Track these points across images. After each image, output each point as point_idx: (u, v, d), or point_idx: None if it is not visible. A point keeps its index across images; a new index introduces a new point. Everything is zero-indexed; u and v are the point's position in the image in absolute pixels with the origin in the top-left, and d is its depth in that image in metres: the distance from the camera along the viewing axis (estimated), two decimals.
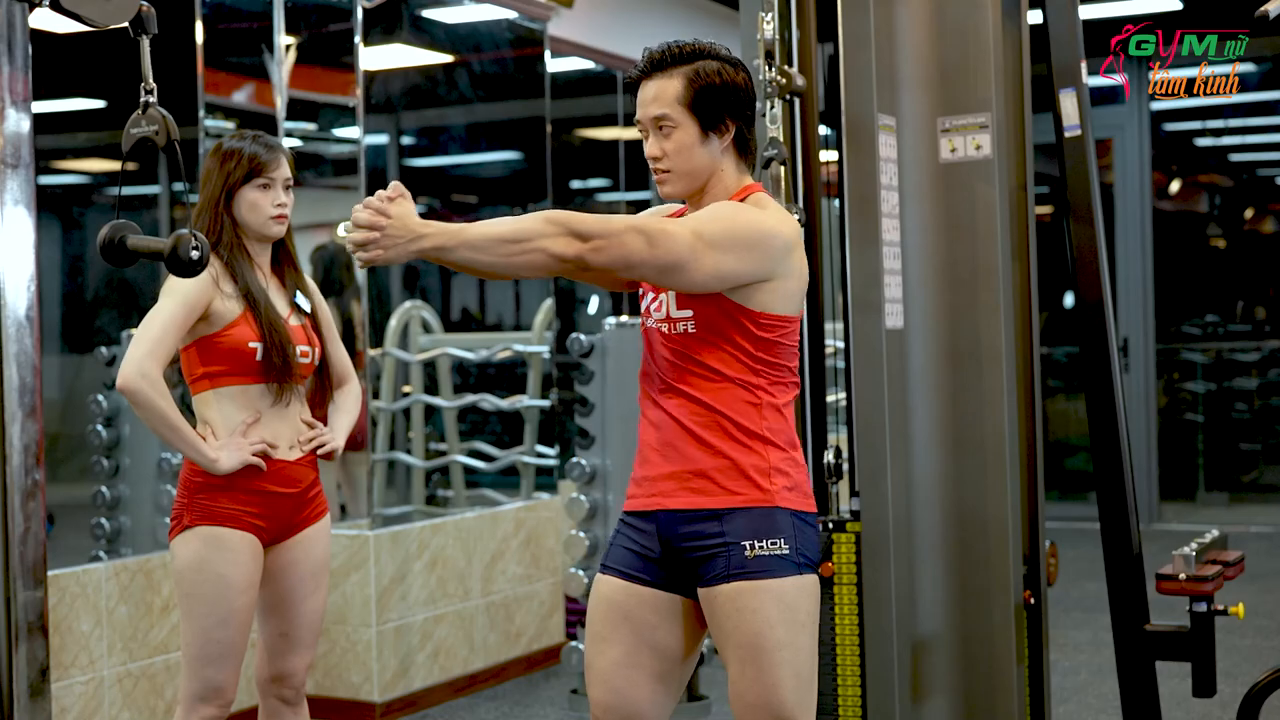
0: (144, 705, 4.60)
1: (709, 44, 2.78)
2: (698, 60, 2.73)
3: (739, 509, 2.66)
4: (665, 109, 2.72)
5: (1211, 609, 3.45)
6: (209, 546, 3.24)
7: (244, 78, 5.53)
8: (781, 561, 2.65)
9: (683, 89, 2.71)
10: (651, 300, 2.78)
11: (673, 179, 2.76)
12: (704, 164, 2.74)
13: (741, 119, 2.76)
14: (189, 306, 3.22)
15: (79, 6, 2.55)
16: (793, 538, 2.66)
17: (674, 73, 2.73)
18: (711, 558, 2.67)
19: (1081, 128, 3.66)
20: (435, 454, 6.60)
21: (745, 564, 2.64)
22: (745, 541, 2.65)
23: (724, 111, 2.72)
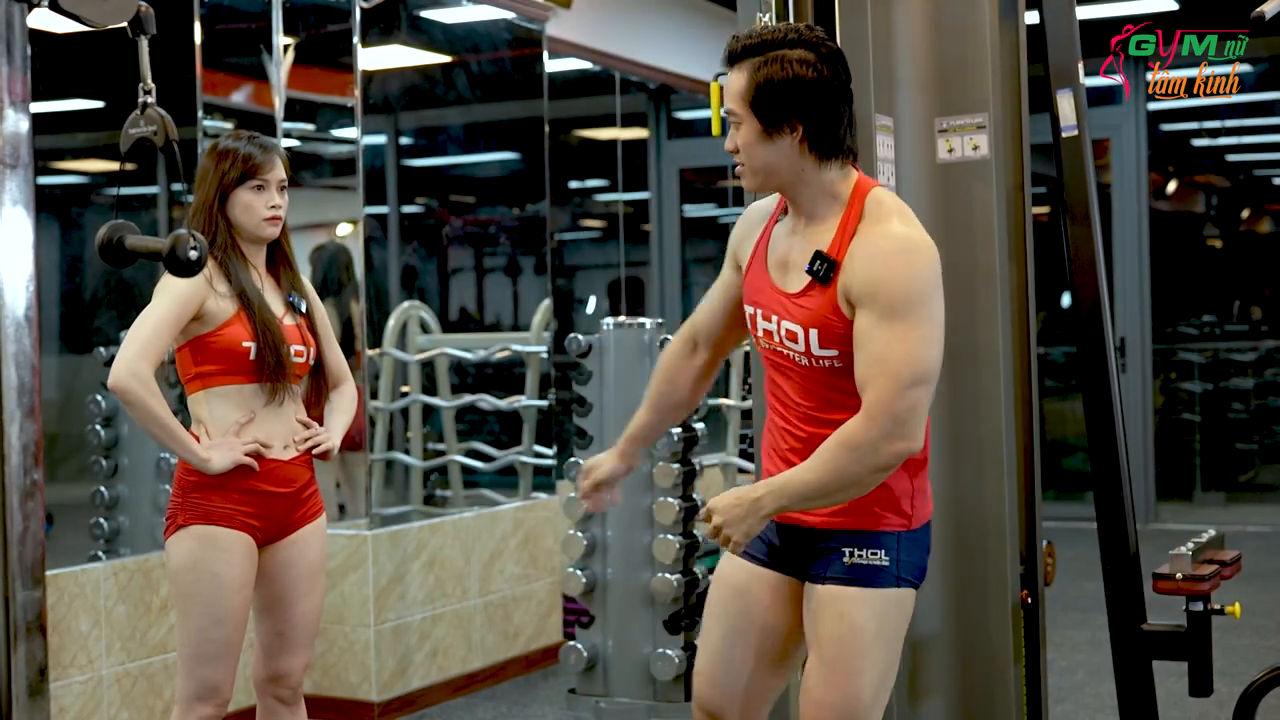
0: (143, 705, 4.60)
1: (797, 31, 2.60)
2: (770, 51, 2.58)
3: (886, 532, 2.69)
4: (730, 104, 2.62)
5: (1208, 608, 3.45)
6: (203, 546, 3.24)
7: (242, 78, 5.53)
8: (880, 573, 2.67)
9: (745, 85, 2.59)
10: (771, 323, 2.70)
11: (746, 174, 2.67)
12: (772, 163, 2.62)
13: (812, 117, 2.57)
14: (182, 306, 3.22)
15: (77, 7, 2.56)
16: (894, 550, 2.68)
17: (743, 66, 2.60)
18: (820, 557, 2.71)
19: (1079, 128, 3.66)
20: (433, 454, 6.60)
21: (844, 570, 2.68)
22: (846, 549, 2.68)
23: (788, 110, 2.57)
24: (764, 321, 2.72)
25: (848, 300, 2.57)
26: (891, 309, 2.51)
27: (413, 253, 7.61)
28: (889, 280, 2.52)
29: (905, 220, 2.60)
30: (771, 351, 2.74)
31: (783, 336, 2.67)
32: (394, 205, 7.41)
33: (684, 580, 4.79)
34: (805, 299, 2.64)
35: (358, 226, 5.52)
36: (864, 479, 2.54)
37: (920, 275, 2.53)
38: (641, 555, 4.83)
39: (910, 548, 2.70)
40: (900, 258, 2.54)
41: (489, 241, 8.70)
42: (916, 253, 2.55)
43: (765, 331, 2.72)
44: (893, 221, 2.58)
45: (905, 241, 2.55)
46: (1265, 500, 10.58)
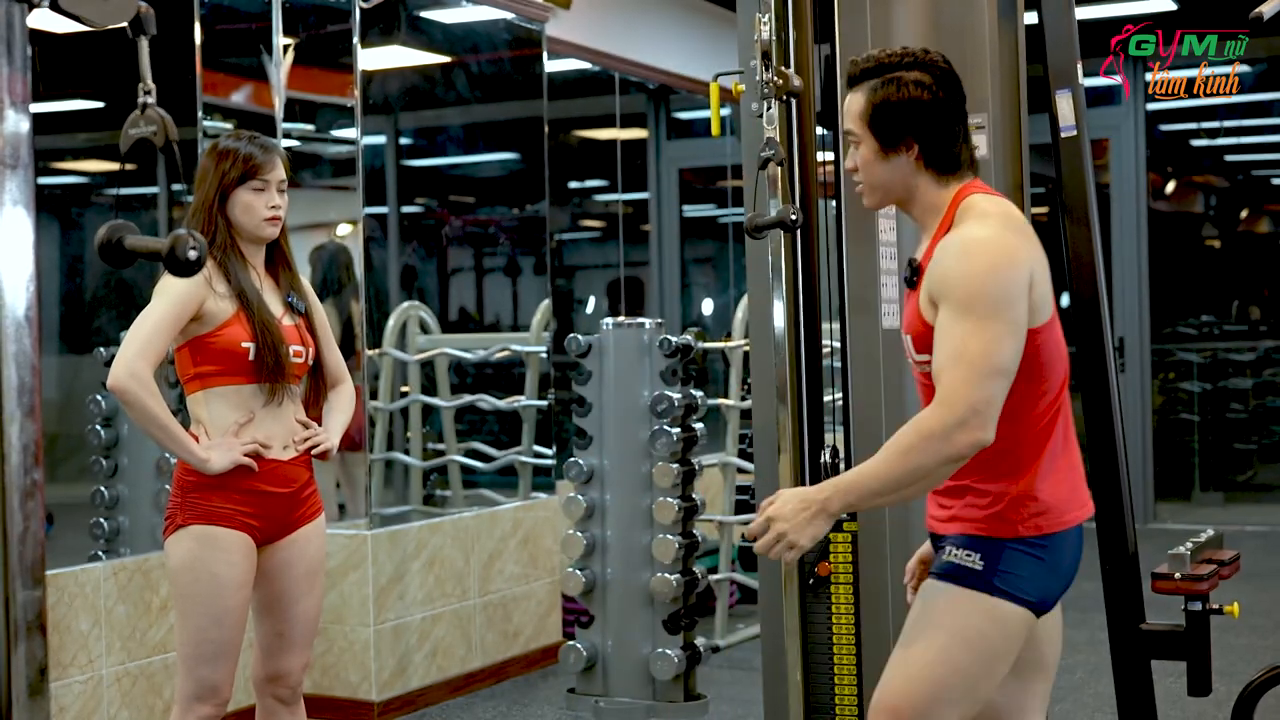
0: (142, 704, 4.61)
1: (914, 54, 2.68)
2: (887, 73, 2.66)
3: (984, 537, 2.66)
4: (850, 124, 2.70)
5: (1207, 608, 3.46)
6: (202, 545, 3.25)
7: (242, 78, 5.53)
8: (971, 575, 2.64)
9: (864, 105, 2.67)
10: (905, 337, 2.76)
11: (866, 192, 2.74)
12: (890, 180, 2.70)
13: (927, 136, 2.65)
14: (181, 306, 3.22)
15: (77, 7, 2.55)
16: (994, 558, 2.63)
17: (863, 86, 2.69)
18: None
19: (1077, 128, 3.66)
20: (433, 454, 6.60)
21: (941, 565, 2.68)
22: (949, 547, 2.67)
23: (904, 130, 2.65)
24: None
25: (930, 302, 2.60)
26: (963, 304, 2.52)
27: (412, 253, 7.61)
28: (955, 277, 2.54)
29: (983, 222, 2.60)
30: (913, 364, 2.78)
31: (906, 347, 2.76)
32: (394, 205, 7.41)
33: (683, 580, 4.79)
34: (906, 306, 2.74)
35: (357, 227, 5.53)
36: (934, 470, 2.52)
37: (978, 272, 2.52)
38: (641, 555, 4.84)
39: (1018, 560, 2.63)
40: (960, 256, 2.56)
41: (488, 242, 8.70)
42: (977, 250, 2.55)
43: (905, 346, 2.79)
44: (969, 224, 2.61)
45: (968, 241, 2.57)
46: (1264, 500, 10.58)
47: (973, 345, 2.49)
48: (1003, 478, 2.65)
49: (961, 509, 2.67)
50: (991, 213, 2.62)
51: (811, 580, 3.73)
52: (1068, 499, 2.70)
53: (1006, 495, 2.65)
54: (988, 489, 2.65)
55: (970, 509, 2.66)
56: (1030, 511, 2.65)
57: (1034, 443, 2.65)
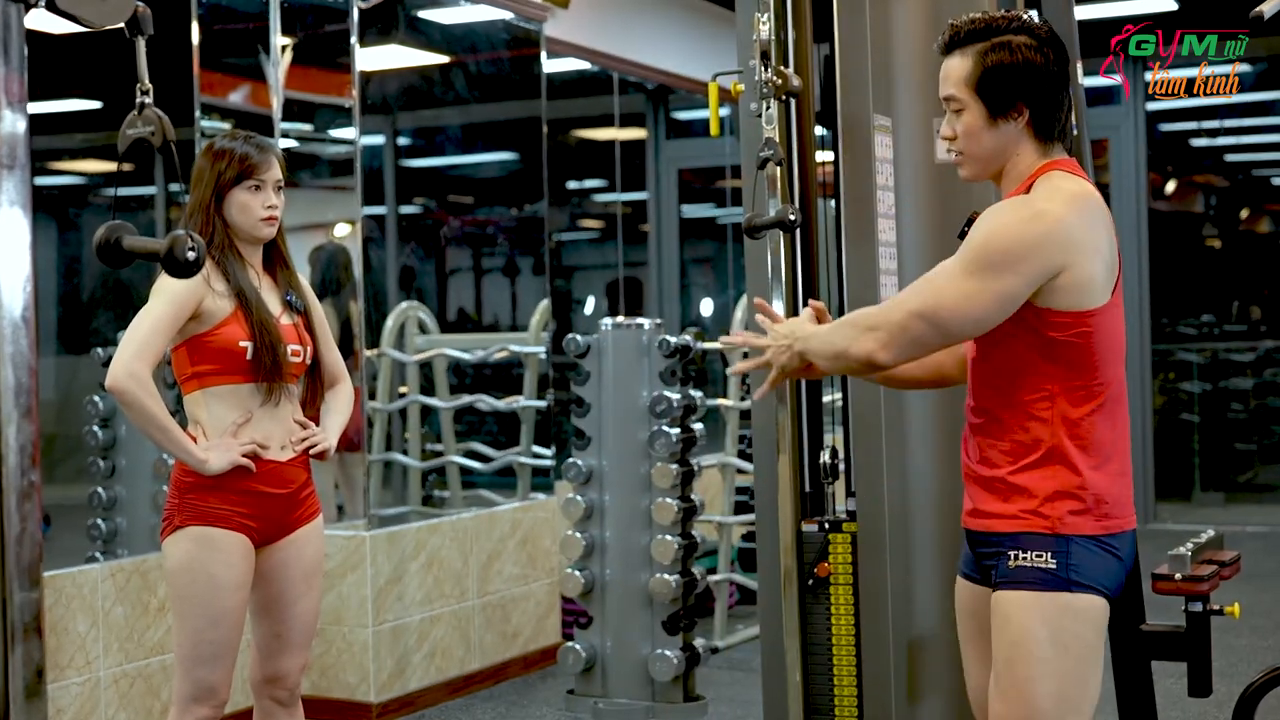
0: (140, 706, 4.60)
1: (1017, 16, 2.62)
2: (995, 36, 2.58)
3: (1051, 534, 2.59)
4: (953, 89, 2.61)
5: (1207, 609, 3.45)
6: (199, 546, 3.24)
7: (240, 79, 5.53)
8: (1046, 576, 2.57)
9: (971, 69, 2.59)
10: None
11: (966, 162, 2.66)
12: (995, 148, 2.61)
13: (1038, 101, 2.58)
14: (178, 306, 3.21)
15: (75, 7, 2.55)
16: (1064, 553, 2.57)
17: (968, 50, 2.60)
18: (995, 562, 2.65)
19: (1077, 128, 3.66)
20: (432, 454, 6.60)
21: (1009, 574, 2.59)
22: (1011, 551, 2.59)
23: (1015, 94, 2.57)
24: None
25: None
26: (964, 252, 2.54)
27: (411, 253, 7.60)
28: (982, 227, 2.55)
29: (1051, 196, 2.54)
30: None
31: None
32: (392, 206, 7.41)
33: (682, 581, 4.79)
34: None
35: (356, 227, 5.52)
36: (848, 361, 2.63)
37: (1002, 235, 2.50)
38: (640, 556, 4.83)
39: (1086, 553, 2.58)
40: (1003, 214, 2.54)
41: (487, 242, 8.69)
42: (1020, 216, 2.52)
43: None
44: (1036, 193, 2.56)
45: (1020, 204, 2.54)
46: (1264, 500, 10.57)
47: (937, 284, 2.54)
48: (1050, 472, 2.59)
49: (1019, 507, 2.60)
50: (1064, 189, 2.56)
51: (811, 581, 3.72)
52: (1121, 501, 2.64)
53: (1062, 490, 2.58)
54: (1037, 485, 2.58)
55: (1027, 506, 2.59)
56: (1088, 507, 2.60)
57: (1080, 437, 2.59)
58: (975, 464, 2.68)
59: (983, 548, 2.68)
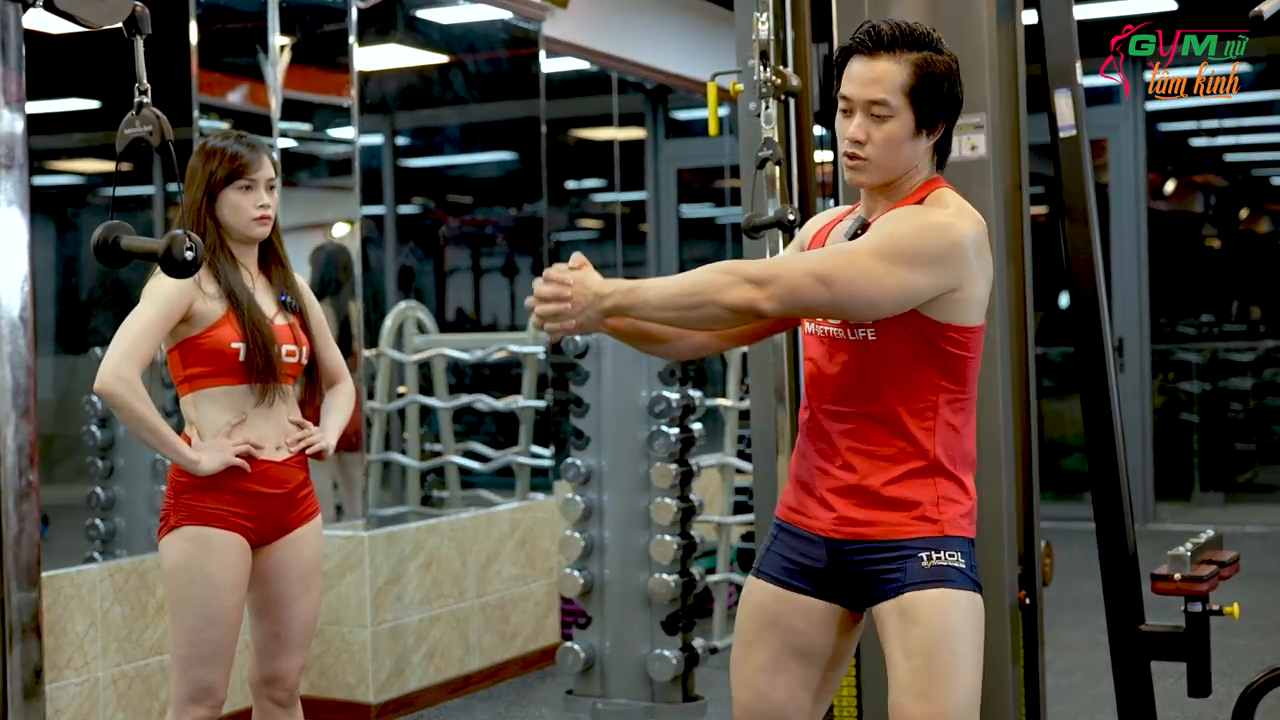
0: (139, 706, 4.60)
1: (934, 32, 2.59)
2: (928, 50, 2.54)
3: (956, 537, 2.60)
4: (887, 94, 2.52)
5: (1207, 609, 3.45)
6: (196, 546, 3.23)
7: (239, 78, 5.52)
8: (960, 575, 2.57)
9: (909, 77, 2.52)
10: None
11: (868, 169, 2.57)
12: (905, 160, 2.57)
13: (951, 122, 2.59)
14: (168, 309, 3.21)
15: (73, 7, 2.54)
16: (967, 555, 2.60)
17: (903, 57, 2.53)
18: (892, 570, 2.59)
19: (1077, 128, 3.66)
20: (430, 454, 6.60)
21: (926, 574, 2.56)
22: (922, 553, 2.57)
23: (941, 111, 2.56)
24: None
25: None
26: (872, 236, 2.51)
27: (409, 253, 7.61)
28: (893, 221, 2.53)
29: (958, 210, 2.55)
30: (811, 336, 2.68)
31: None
32: (390, 205, 7.41)
33: (681, 581, 4.78)
34: None
35: (354, 227, 5.52)
36: (707, 306, 2.46)
37: (916, 229, 2.49)
38: (639, 556, 4.83)
39: (972, 555, 2.61)
40: (918, 214, 2.53)
41: (486, 242, 8.70)
42: (932, 218, 2.51)
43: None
44: (946, 209, 2.56)
45: (929, 210, 2.54)
46: (1264, 500, 10.57)
47: (841, 256, 2.48)
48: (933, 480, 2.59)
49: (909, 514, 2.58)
50: (968, 209, 2.58)
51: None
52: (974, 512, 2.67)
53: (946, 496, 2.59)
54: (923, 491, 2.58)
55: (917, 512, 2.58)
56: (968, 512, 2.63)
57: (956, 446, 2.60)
58: (838, 470, 2.63)
59: (862, 555, 2.62)
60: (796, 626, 2.69)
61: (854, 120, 2.57)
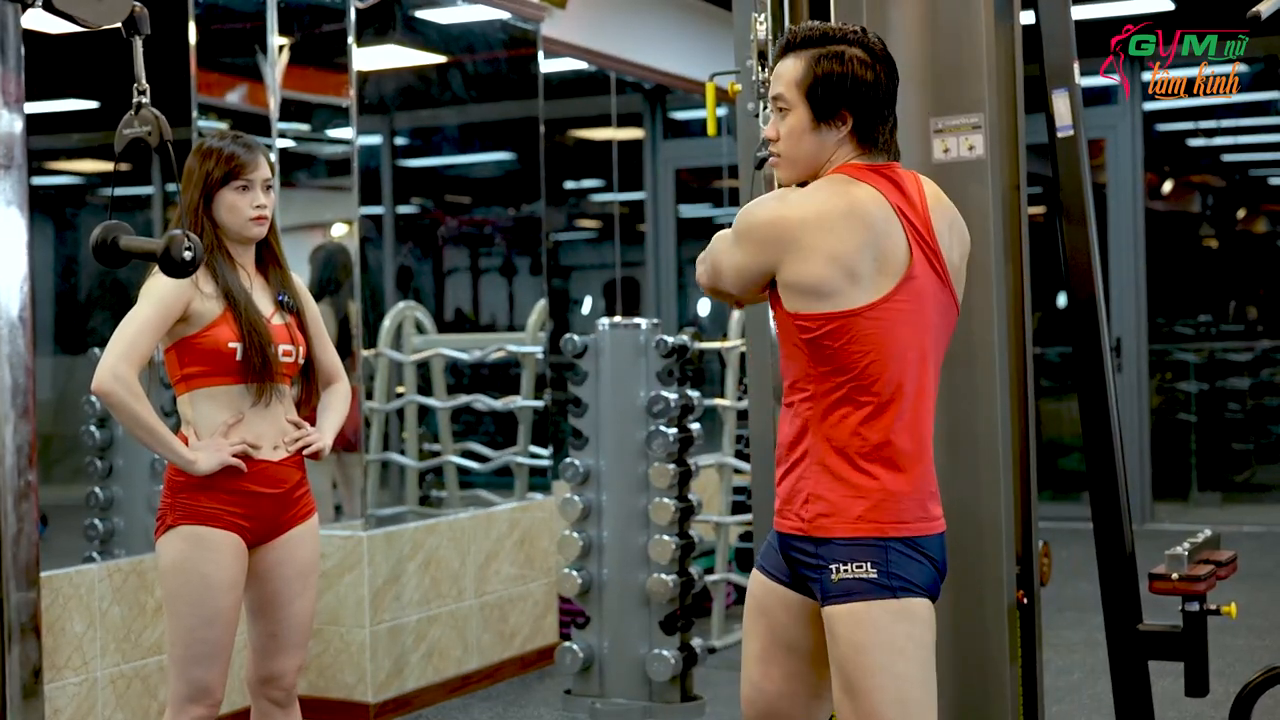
0: (137, 706, 4.60)
1: (857, 30, 2.67)
2: (830, 45, 2.64)
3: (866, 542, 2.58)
4: (783, 89, 2.67)
5: (1204, 609, 3.45)
6: (192, 546, 3.23)
7: (237, 78, 5.52)
8: (869, 586, 2.55)
9: (803, 73, 2.64)
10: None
11: (782, 164, 2.73)
12: (813, 152, 2.67)
13: (862, 112, 2.63)
14: (166, 309, 3.21)
15: (72, 7, 2.55)
16: (883, 562, 2.57)
17: (802, 55, 2.65)
18: (816, 575, 2.62)
19: (1074, 128, 3.66)
20: (429, 454, 6.60)
21: (834, 588, 2.57)
22: (831, 565, 2.58)
23: (841, 102, 2.62)
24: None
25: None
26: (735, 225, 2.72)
27: (408, 253, 7.60)
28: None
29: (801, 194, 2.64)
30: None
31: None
32: (389, 206, 7.41)
33: (680, 581, 4.79)
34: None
35: (353, 227, 5.52)
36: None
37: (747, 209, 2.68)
38: (637, 556, 4.83)
39: (902, 559, 2.57)
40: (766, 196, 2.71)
41: (484, 242, 8.70)
42: (770, 196, 2.69)
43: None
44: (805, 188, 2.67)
45: (779, 193, 2.70)
46: (1261, 500, 10.58)
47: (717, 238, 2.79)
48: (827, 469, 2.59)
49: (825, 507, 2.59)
50: (820, 193, 2.61)
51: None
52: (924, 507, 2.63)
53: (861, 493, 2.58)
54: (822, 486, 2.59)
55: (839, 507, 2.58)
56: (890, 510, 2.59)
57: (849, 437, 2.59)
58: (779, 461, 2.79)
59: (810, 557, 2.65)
60: (780, 618, 2.74)
61: (770, 120, 2.74)
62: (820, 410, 2.61)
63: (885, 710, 2.56)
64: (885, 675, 2.55)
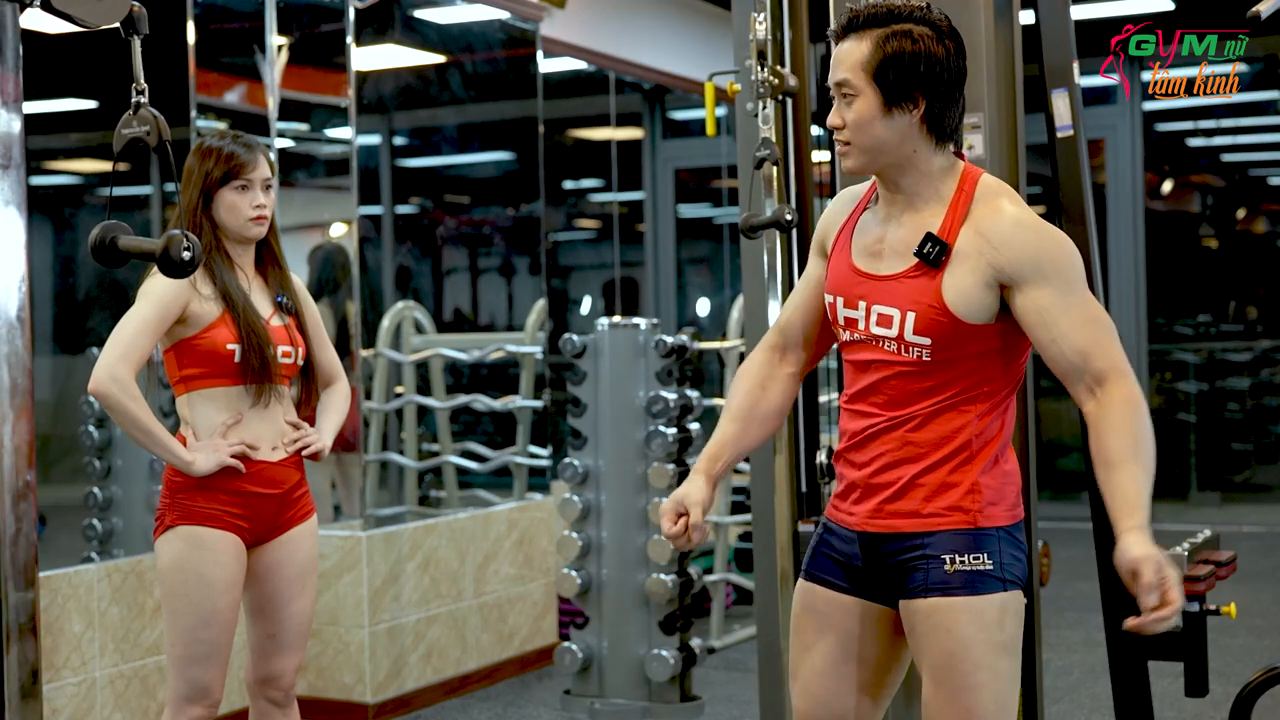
0: (136, 706, 4.59)
1: (923, 7, 2.50)
2: (896, 23, 2.47)
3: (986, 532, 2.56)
4: (847, 74, 2.48)
5: (1204, 609, 3.45)
6: (190, 546, 3.23)
7: (236, 78, 5.52)
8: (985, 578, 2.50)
9: (869, 54, 2.46)
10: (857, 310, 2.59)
11: (851, 152, 2.52)
12: (885, 140, 2.48)
13: (935, 94, 2.47)
14: (163, 309, 3.20)
15: (70, 7, 2.54)
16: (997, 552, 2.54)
17: (866, 35, 2.47)
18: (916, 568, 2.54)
19: (1074, 128, 3.66)
20: (428, 454, 6.60)
21: (946, 578, 2.50)
22: (945, 555, 2.51)
23: (913, 84, 2.45)
24: (847, 309, 2.59)
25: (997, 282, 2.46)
26: (1069, 282, 2.44)
27: (407, 253, 7.60)
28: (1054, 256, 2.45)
29: (1017, 201, 2.52)
30: (852, 344, 2.60)
31: (873, 323, 2.55)
32: (388, 205, 7.41)
33: (679, 581, 4.78)
34: (907, 282, 2.52)
35: (351, 227, 5.51)
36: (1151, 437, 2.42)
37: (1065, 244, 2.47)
38: (636, 556, 4.83)
39: (1010, 546, 2.53)
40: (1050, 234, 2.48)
41: (483, 242, 8.70)
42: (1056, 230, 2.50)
43: (848, 320, 2.59)
44: (1007, 200, 2.50)
45: (1040, 221, 2.49)
46: (1261, 500, 10.58)
47: (1098, 312, 2.46)
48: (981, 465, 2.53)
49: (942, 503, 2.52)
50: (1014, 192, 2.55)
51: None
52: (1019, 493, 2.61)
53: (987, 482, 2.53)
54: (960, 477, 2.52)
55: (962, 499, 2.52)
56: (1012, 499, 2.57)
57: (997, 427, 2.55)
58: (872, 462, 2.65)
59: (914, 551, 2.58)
60: (851, 629, 2.64)
61: (834, 107, 2.55)
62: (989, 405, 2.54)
63: (986, 708, 2.48)
64: (989, 672, 2.48)
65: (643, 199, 9.63)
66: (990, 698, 2.49)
